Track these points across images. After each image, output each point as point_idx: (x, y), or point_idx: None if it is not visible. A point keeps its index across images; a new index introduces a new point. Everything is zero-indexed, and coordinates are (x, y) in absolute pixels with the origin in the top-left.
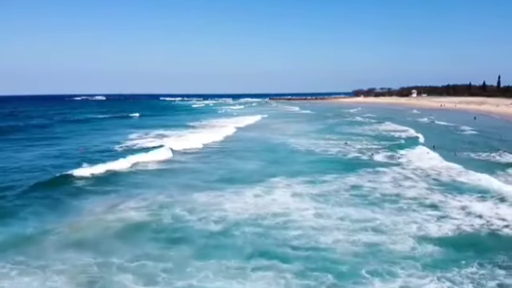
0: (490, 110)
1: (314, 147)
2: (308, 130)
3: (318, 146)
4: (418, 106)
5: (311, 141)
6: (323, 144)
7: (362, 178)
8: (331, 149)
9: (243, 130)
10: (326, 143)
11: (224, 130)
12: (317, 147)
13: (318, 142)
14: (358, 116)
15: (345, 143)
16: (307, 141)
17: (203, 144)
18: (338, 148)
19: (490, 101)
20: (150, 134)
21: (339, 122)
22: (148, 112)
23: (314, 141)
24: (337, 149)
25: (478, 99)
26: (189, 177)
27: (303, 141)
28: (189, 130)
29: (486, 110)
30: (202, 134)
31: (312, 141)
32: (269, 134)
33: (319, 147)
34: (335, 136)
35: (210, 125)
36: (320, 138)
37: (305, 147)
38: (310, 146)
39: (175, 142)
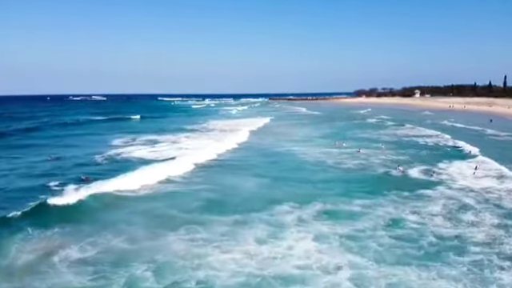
0: (504, 112)
1: (326, 157)
2: (317, 135)
3: (331, 155)
4: (428, 107)
5: (322, 149)
6: (337, 154)
7: (401, 207)
8: (348, 160)
9: (251, 136)
10: (339, 152)
11: (231, 136)
12: (330, 157)
13: (330, 150)
14: (369, 118)
15: (357, 151)
16: (317, 149)
17: (197, 161)
18: (357, 160)
19: (498, 102)
20: (144, 140)
21: (350, 125)
22: (147, 113)
23: (326, 149)
24: (355, 160)
25: (485, 100)
26: (167, 204)
27: (313, 149)
28: (185, 134)
29: (500, 112)
30: (203, 141)
31: (323, 149)
32: (273, 140)
33: (333, 157)
34: (349, 142)
35: (211, 128)
36: (332, 146)
37: (315, 157)
38: (321, 155)
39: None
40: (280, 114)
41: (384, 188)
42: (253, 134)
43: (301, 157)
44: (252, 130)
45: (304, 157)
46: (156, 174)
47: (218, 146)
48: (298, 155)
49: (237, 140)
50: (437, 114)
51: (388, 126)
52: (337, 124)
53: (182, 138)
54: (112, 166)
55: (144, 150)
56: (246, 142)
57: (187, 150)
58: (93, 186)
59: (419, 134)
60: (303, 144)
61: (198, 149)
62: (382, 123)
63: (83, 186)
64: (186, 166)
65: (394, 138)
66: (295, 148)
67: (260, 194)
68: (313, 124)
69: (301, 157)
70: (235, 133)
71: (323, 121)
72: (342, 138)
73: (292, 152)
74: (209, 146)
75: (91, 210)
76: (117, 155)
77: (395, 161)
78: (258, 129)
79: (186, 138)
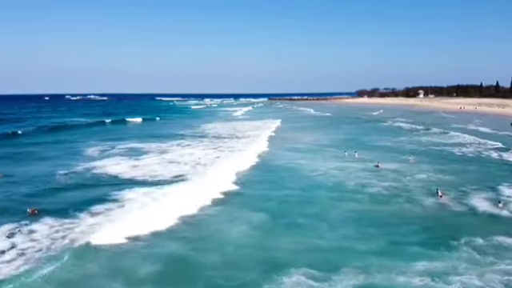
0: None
1: (343, 176)
2: (327, 143)
3: (347, 172)
4: (439, 109)
5: (335, 162)
6: (354, 169)
7: (488, 274)
8: (371, 180)
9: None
10: (356, 168)
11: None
12: (346, 175)
13: (344, 164)
14: (383, 121)
15: (376, 166)
16: (329, 162)
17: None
18: (383, 179)
19: (509, 102)
20: (149, 148)
21: (365, 129)
22: (146, 115)
23: (339, 162)
24: (382, 181)
25: (495, 101)
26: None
27: (324, 163)
28: (191, 143)
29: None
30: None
31: (336, 162)
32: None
33: (350, 175)
34: (365, 152)
35: (221, 134)
36: (345, 158)
37: (328, 176)
38: (334, 172)
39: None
40: (286, 115)
41: (442, 233)
42: (272, 143)
43: (309, 175)
44: (270, 136)
45: (314, 175)
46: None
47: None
48: (305, 172)
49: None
50: (456, 116)
51: (409, 131)
52: (349, 128)
53: (188, 147)
54: (75, 192)
55: (125, 164)
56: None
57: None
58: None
59: (451, 141)
60: (312, 155)
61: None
62: (400, 127)
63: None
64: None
65: (422, 147)
66: (301, 161)
67: (252, 249)
68: (322, 127)
69: (309, 175)
70: (254, 141)
71: (333, 123)
72: (356, 146)
73: (298, 167)
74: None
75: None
76: (88, 171)
77: (436, 181)
78: (271, 136)
79: (194, 147)
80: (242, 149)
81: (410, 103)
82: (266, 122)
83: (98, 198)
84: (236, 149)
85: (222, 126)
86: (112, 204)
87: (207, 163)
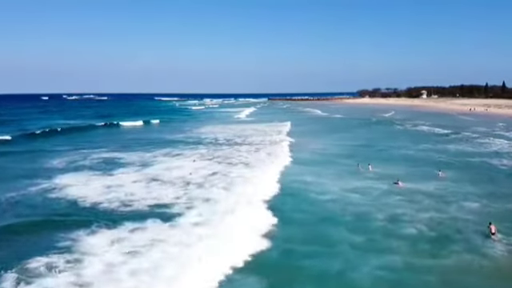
0: None
1: (365, 202)
2: (338, 151)
3: (369, 196)
4: (449, 110)
5: (351, 180)
6: (377, 192)
7: None
8: (405, 209)
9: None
10: (385, 188)
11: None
12: (370, 202)
13: (366, 184)
14: (400, 124)
15: (395, 183)
16: (344, 181)
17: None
18: (424, 210)
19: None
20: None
21: (381, 133)
22: (136, 116)
23: (357, 180)
24: (423, 213)
25: (502, 102)
26: None
27: (337, 182)
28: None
29: None
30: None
31: (352, 180)
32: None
33: (374, 201)
34: (382, 164)
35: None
36: (370, 176)
37: (345, 203)
38: (352, 196)
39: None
40: (293, 117)
41: None
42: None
43: (319, 201)
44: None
45: (325, 201)
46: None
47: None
48: (313, 195)
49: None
50: (473, 118)
51: (431, 136)
52: (362, 132)
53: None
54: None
55: (94, 182)
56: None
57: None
58: None
59: (485, 149)
60: (320, 168)
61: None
62: (418, 131)
63: None
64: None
65: (452, 157)
66: (307, 178)
67: None
68: (333, 131)
69: (319, 201)
70: (273, 152)
71: (344, 126)
72: (372, 155)
73: (304, 187)
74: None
75: None
76: (40, 195)
77: (492, 211)
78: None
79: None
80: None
81: (414, 104)
82: (277, 124)
83: (36, 248)
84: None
85: (226, 131)
86: (57, 258)
87: (201, 182)
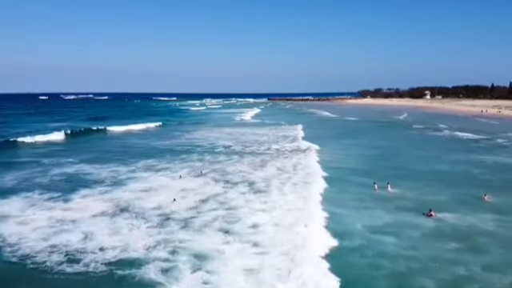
0: None
1: (407, 257)
2: (354, 165)
3: (411, 242)
4: (458, 111)
5: (377, 208)
6: (426, 231)
7: None
8: (476, 268)
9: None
10: (431, 227)
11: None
12: (426, 258)
13: (396, 217)
14: (419, 128)
15: (427, 215)
16: (369, 212)
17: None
18: (498, 272)
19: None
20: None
21: (400, 139)
22: (130, 118)
23: (386, 212)
24: (501, 276)
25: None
26: None
27: (360, 216)
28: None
29: None
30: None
31: (379, 209)
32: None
33: (421, 255)
34: (413, 183)
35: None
36: (400, 204)
37: (381, 261)
38: (390, 248)
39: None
40: (302, 119)
41: None
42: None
43: (342, 250)
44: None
45: (349, 251)
46: None
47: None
48: (329, 241)
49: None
50: (497, 121)
51: (459, 143)
52: (376, 137)
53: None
54: None
55: (38, 217)
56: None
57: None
58: None
59: None
60: (336, 194)
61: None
62: (440, 137)
63: None
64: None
65: (495, 172)
66: (325, 206)
67: None
68: (345, 136)
69: (342, 250)
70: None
71: (358, 130)
72: (392, 169)
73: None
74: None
75: None
76: None
77: None
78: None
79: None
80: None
81: (419, 105)
82: (288, 128)
83: None
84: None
85: (235, 135)
86: None
87: (188, 218)
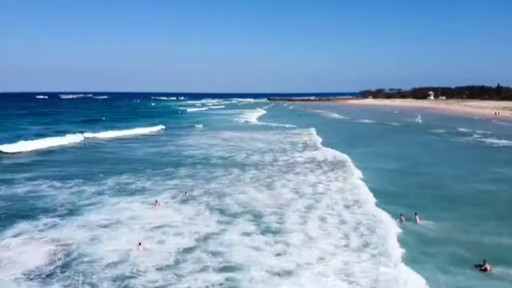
0: None
1: None
2: (379, 186)
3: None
4: (470, 113)
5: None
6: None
7: None
8: None
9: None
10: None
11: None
12: None
13: (443, 268)
14: (436, 132)
15: (481, 269)
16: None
17: None
18: None
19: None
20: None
21: (424, 147)
22: (122, 121)
23: (423, 257)
24: None
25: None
26: None
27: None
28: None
29: None
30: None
31: (418, 254)
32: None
33: None
34: (447, 211)
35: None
36: (438, 247)
37: None
38: None
39: None
40: (310, 120)
41: None
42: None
43: None
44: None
45: None
46: None
47: None
48: None
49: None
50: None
51: (489, 151)
52: (392, 144)
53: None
54: None
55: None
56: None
57: None
58: None
59: None
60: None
61: None
62: (463, 141)
63: None
64: None
65: None
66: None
67: None
68: (364, 143)
69: None
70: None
71: (373, 135)
72: (417, 188)
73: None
74: None
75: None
76: None
77: None
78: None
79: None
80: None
81: (425, 106)
82: (301, 132)
83: None
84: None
85: (247, 144)
86: None
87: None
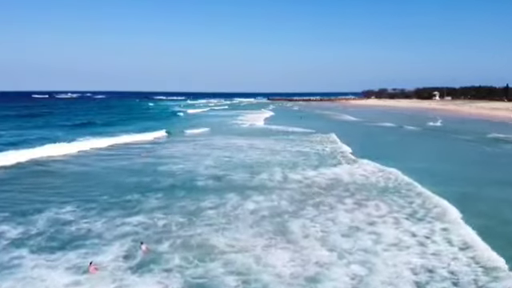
0: None
1: None
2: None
3: None
4: (490, 116)
5: None
6: None
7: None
8: None
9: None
10: None
11: None
12: None
13: None
14: (472, 138)
15: None
16: None
17: None
18: None
19: None
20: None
21: (477, 162)
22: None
23: None
24: None
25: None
26: None
27: None
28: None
29: None
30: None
31: None
32: None
33: None
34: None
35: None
36: None
37: None
38: None
39: None
40: (323, 123)
41: None
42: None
43: None
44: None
45: None
46: None
47: None
48: None
49: None
50: None
51: None
52: (430, 154)
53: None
54: None
55: None
56: None
57: None
58: None
59: None
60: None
61: None
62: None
63: None
64: None
65: None
66: None
67: None
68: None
69: None
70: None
71: (399, 142)
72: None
73: None
74: None
75: None
76: None
77: None
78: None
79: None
80: None
81: (433, 107)
82: (322, 138)
83: None
84: None
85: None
86: None
87: None
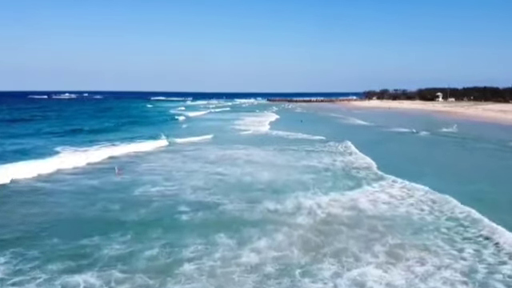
0: None
1: None
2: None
3: None
4: (504, 120)
5: None
6: None
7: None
8: None
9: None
10: None
11: None
12: None
13: None
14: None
15: None
16: None
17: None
18: None
19: None
20: None
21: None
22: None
23: None
24: None
25: None
26: None
27: None
28: None
29: None
30: None
31: None
32: None
33: None
34: None
35: None
36: None
37: None
38: None
39: None
40: (332, 128)
41: None
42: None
43: None
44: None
45: None
46: None
47: None
48: None
49: None
50: None
51: None
52: (471, 174)
53: None
54: None
55: None
56: None
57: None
58: None
59: None
60: None
61: None
62: None
63: None
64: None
65: None
66: None
67: None
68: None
69: None
70: None
71: (426, 155)
72: None
73: None
74: None
75: None
76: None
77: None
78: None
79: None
80: None
81: (439, 109)
82: (337, 149)
83: None
84: None
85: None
86: None
87: None
